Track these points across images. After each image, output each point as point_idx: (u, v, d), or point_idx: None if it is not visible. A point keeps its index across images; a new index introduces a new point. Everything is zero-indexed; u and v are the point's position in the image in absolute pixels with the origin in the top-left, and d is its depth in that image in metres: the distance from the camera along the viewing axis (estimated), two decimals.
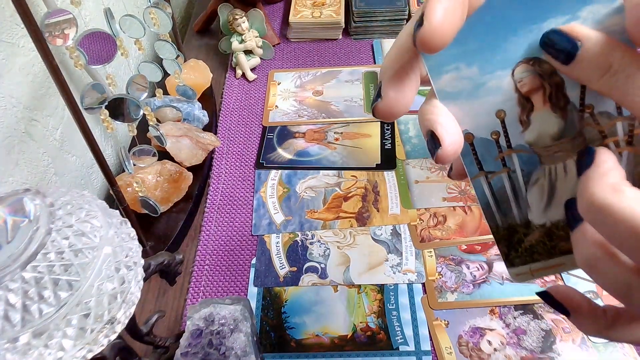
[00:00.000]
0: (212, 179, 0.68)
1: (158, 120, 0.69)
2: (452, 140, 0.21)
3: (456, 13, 0.19)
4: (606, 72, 0.19)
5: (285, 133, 0.73)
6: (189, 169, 0.66)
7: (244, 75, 0.82)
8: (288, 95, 0.79)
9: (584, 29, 0.20)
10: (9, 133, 0.49)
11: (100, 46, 0.49)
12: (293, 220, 0.62)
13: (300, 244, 0.60)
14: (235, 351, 0.43)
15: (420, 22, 0.19)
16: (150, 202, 0.59)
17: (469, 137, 0.23)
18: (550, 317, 0.52)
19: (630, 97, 0.19)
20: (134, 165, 0.59)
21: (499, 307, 0.53)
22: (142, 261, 0.33)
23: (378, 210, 0.62)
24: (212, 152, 0.71)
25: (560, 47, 0.20)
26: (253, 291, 0.56)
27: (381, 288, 0.55)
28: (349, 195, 0.64)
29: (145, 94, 0.58)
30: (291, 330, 0.53)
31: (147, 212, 0.61)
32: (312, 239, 0.60)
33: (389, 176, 0.66)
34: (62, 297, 0.26)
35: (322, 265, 0.58)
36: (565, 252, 0.24)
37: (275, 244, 0.60)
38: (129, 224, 0.33)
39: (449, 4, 0.19)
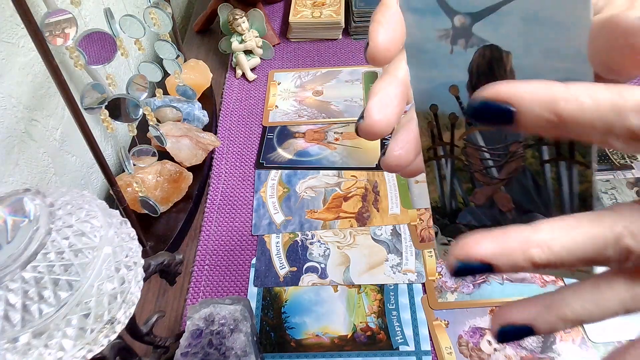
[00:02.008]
0: (212, 179, 0.68)
1: (158, 120, 0.69)
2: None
3: (393, 108, 0.22)
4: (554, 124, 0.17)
5: (285, 133, 0.73)
6: (189, 169, 0.66)
7: (244, 75, 0.82)
8: (288, 95, 0.79)
9: (513, 87, 0.18)
10: (9, 133, 0.49)
11: (100, 46, 0.49)
12: (293, 220, 0.62)
13: (300, 244, 0.60)
14: (235, 351, 0.43)
15: (361, 116, 0.22)
16: (150, 202, 0.59)
17: (434, 108, 0.23)
18: None
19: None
20: (134, 165, 0.59)
21: (499, 307, 0.53)
22: (142, 261, 0.33)
23: (378, 210, 0.62)
24: (212, 152, 0.71)
25: (493, 119, 0.18)
26: (253, 291, 0.56)
27: (381, 288, 0.55)
28: (349, 195, 0.64)
29: (145, 94, 0.58)
30: (291, 330, 0.53)
31: (147, 212, 0.61)
32: (312, 239, 0.60)
33: (389, 176, 0.66)
34: (62, 297, 0.26)
35: (322, 265, 0.58)
36: None
37: (275, 244, 0.60)
38: (128, 224, 0.33)
39: (385, 100, 0.22)
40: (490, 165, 0.23)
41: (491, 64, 0.22)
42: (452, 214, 0.25)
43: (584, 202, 0.23)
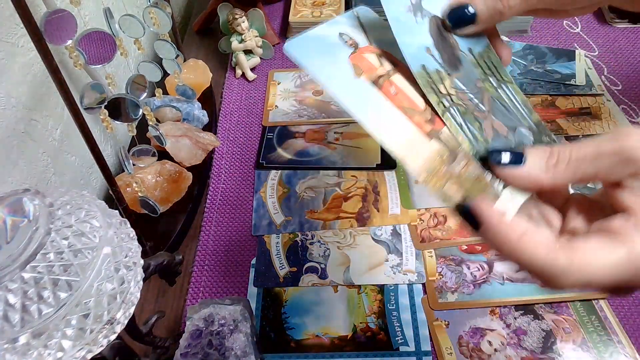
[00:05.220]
0: (212, 179, 0.68)
1: (158, 120, 0.69)
2: None
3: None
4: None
5: (285, 133, 0.73)
6: (189, 169, 0.66)
7: (243, 75, 0.82)
8: (288, 95, 0.79)
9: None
10: (9, 133, 0.49)
11: (100, 46, 0.49)
12: (293, 220, 0.62)
13: (300, 244, 0.60)
14: (235, 352, 0.43)
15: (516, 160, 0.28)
16: (150, 202, 0.59)
17: (424, 67, 0.29)
18: (551, 317, 0.52)
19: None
20: (134, 165, 0.59)
21: (499, 307, 0.53)
22: (142, 261, 0.33)
23: (378, 211, 0.62)
24: (212, 152, 0.71)
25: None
26: (253, 291, 0.56)
27: (381, 288, 0.55)
28: (349, 195, 0.64)
29: (145, 94, 0.58)
30: (291, 330, 0.53)
31: (146, 212, 0.61)
32: (312, 239, 0.60)
33: (389, 176, 0.66)
34: (61, 298, 0.26)
35: (322, 266, 0.57)
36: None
37: (275, 244, 0.60)
38: (128, 224, 0.33)
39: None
40: (477, 101, 0.29)
41: (439, 28, 0.30)
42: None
43: (528, 107, 0.31)
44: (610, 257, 0.23)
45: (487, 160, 0.27)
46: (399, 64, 0.28)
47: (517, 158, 0.26)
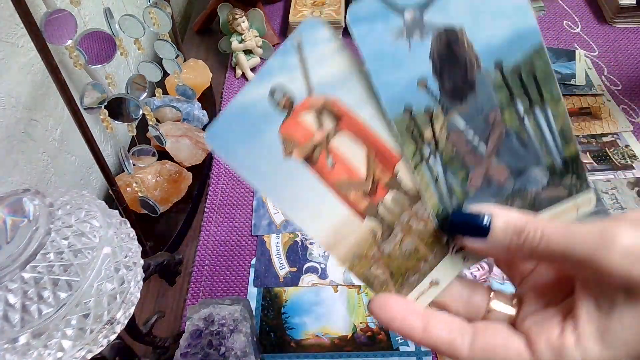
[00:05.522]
0: (212, 179, 0.68)
1: (158, 120, 0.69)
2: None
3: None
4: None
5: None
6: (189, 169, 0.66)
7: (243, 75, 0.82)
8: None
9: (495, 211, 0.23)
10: (9, 133, 0.49)
11: (100, 46, 0.49)
12: None
13: (300, 244, 0.60)
14: (235, 352, 0.43)
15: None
16: (150, 202, 0.59)
17: (408, 108, 0.24)
18: None
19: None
20: (134, 165, 0.59)
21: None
22: (142, 261, 0.33)
23: None
24: (212, 152, 0.71)
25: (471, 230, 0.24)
26: (253, 291, 0.56)
27: None
28: None
29: (145, 94, 0.58)
30: (291, 330, 0.53)
31: (146, 212, 0.61)
32: (312, 239, 0.60)
33: None
34: (61, 298, 0.26)
35: (322, 266, 0.57)
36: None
37: (275, 244, 0.60)
38: (128, 224, 0.33)
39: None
40: (477, 142, 0.25)
41: (449, 45, 0.23)
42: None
43: (565, 136, 0.25)
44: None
45: (445, 224, 0.25)
46: (345, 115, 0.23)
47: (481, 231, 0.23)
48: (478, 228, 0.23)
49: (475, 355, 0.22)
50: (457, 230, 0.24)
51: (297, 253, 0.59)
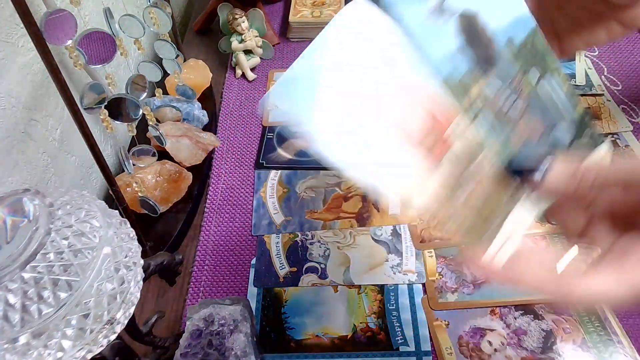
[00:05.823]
0: (212, 179, 0.68)
1: (158, 120, 0.69)
2: None
3: None
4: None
5: (285, 133, 0.73)
6: (189, 169, 0.66)
7: (243, 75, 0.82)
8: None
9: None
10: (9, 133, 0.49)
11: (100, 46, 0.49)
12: (293, 220, 0.62)
13: (300, 244, 0.60)
14: (235, 352, 0.43)
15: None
16: (150, 202, 0.59)
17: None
18: (551, 317, 0.52)
19: None
20: (134, 165, 0.59)
21: (499, 307, 0.53)
22: (142, 261, 0.33)
23: (378, 211, 0.62)
24: (212, 152, 0.71)
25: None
26: (253, 291, 0.56)
27: (381, 288, 0.55)
28: (349, 195, 0.64)
29: (145, 94, 0.58)
30: (291, 330, 0.53)
31: (146, 212, 0.61)
32: (312, 239, 0.60)
33: None
34: (61, 298, 0.26)
35: (322, 266, 0.57)
36: None
37: (275, 244, 0.60)
38: (128, 224, 0.33)
39: None
40: (512, 101, 0.29)
41: (470, 24, 0.28)
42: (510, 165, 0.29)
43: (573, 97, 0.31)
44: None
45: (510, 169, 0.28)
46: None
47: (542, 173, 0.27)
48: (540, 170, 0.27)
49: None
50: (522, 172, 0.28)
51: (297, 253, 0.59)
